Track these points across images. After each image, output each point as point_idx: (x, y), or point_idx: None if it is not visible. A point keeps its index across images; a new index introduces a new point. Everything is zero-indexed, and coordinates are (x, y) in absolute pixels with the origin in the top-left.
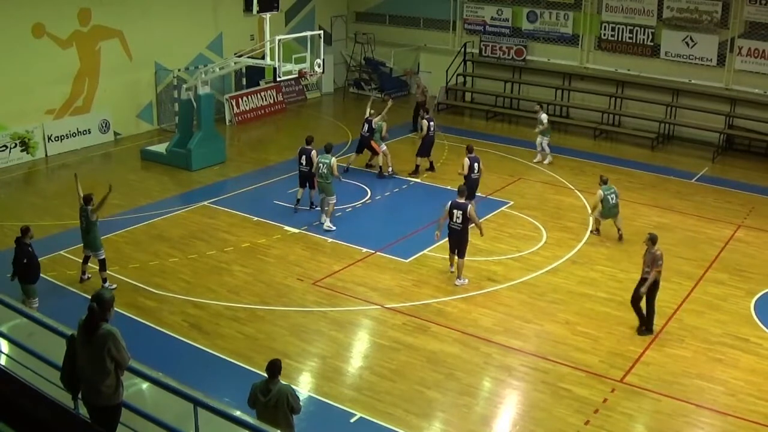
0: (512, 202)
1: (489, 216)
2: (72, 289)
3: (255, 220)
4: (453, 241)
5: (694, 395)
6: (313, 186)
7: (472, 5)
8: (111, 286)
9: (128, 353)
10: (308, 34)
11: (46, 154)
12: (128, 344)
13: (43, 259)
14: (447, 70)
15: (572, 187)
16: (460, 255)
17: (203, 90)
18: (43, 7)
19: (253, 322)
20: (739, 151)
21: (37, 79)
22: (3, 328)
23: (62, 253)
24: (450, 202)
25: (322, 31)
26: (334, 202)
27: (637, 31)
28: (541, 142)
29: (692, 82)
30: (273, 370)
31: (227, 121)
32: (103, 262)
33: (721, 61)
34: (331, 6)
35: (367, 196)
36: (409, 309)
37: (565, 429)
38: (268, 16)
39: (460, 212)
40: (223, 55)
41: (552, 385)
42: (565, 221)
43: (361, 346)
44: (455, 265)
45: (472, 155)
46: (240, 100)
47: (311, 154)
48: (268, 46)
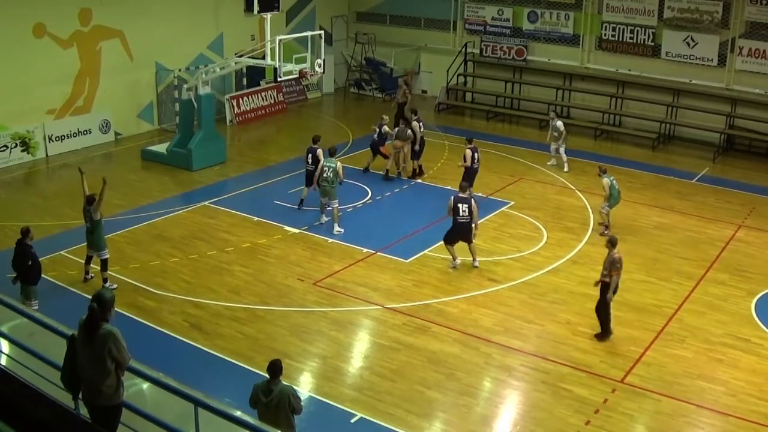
0: (513, 203)
1: (490, 216)
2: (72, 289)
3: (255, 220)
4: (461, 234)
5: (694, 395)
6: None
7: (473, 5)
8: (112, 286)
9: (129, 353)
10: (309, 34)
11: (47, 154)
12: (129, 344)
13: (43, 259)
14: (448, 70)
15: (573, 188)
16: (469, 242)
17: (204, 90)
18: (43, 7)
19: (254, 322)
20: (739, 151)
21: (38, 79)
22: (3, 328)
23: (63, 253)
24: (453, 198)
25: (322, 31)
26: (338, 206)
27: (637, 31)
28: (557, 147)
29: (693, 82)
30: (274, 371)
31: (228, 121)
32: (105, 262)
33: (722, 61)
34: (331, 6)
35: (368, 196)
36: (410, 309)
37: (566, 429)
38: (268, 16)
39: (466, 206)
40: (224, 55)
41: (552, 386)
42: (566, 221)
43: (361, 346)
44: (474, 257)
45: (472, 146)
46: (240, 100)
47: (317, 153)
48: (269, 46)
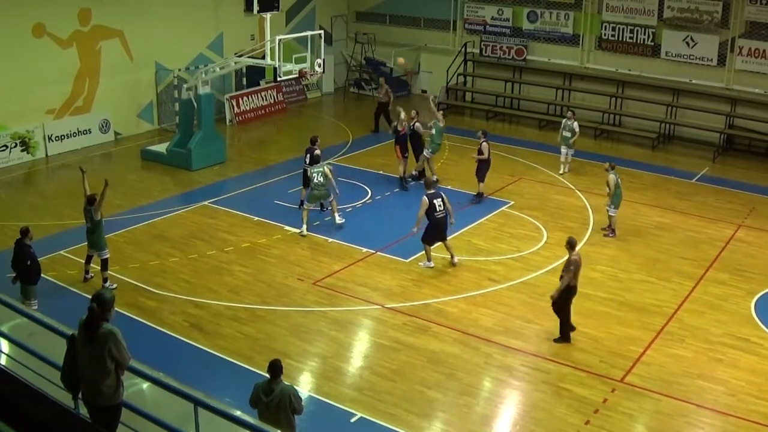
0: (513, 202)
1: (489, 216)
2: (72, 289)
3: (255, 220)
4: (440, 230)
5: (694, 395)
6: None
7: (473, 5)
8: (111, 285)
9: (129, 353)
10: (309, 33)
11: (47, 154)
12: (129, 344)
13: (43, 259)
14: (447, 70)
15: (573, 187)
16: (445, 238)
17: (203, 90)
18: (43, 7)
19: (254, 322)
20: (739, 151)
21: (38, 78)
22: (3, 328)
23: (62, 252)
24: (426, 197)
25: (322, 31)
26: (332, 199)
27: (637, 31)
28: (567, 152)
29: (693, 82)
30: (275, 371)
31: (227, 121)
32: (106, 262)
33: (722, 61)
34: (331, 6)
35: (368, 196)
36: (410, 309)
37: (566, 429)
38: (268, 15)
39: (441, 200)
40: (224, 55)
41: (552, 385)
42: (566, 221)
43: (361, 346)
44: (452, 254)
45: (487, 139)
46: (240, 99)
47: (314, 153)
48: (269, 45)
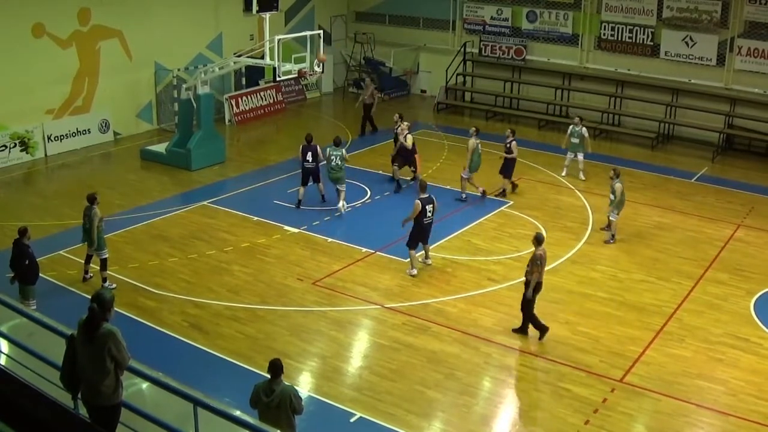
0: (512, 202)
1: (489, 216)
2: (72, 289)
3: (255, 220)
4: (425, 235)
5: (694, 395)
6: (318, 179)
7: (472, 5)
8: (111, 285)
9: (128, 353)
10: (308, 33)
11: (46, 154)
12: (128, 344)
13: (42, 259)
14: (447, 70)
15: (572, 187)
16: (427, 242)
17: (203, 90)
18: (43, 7)
19: (253, 322)
20: (738, 150)
21: (37, 78)
22: (3, 328)
23: (62, 253)
24: (419, 201)
25: (321, 31)
26: (344, 188)
27: (636, 31)
28: (573, 157)
29: (692, 81)
30: (275, 371)
31: (227, 121)
32: (105, 262)
33: (721, 60)
34: (330, 6)
35: (367, 196)
36: (409, 309)
37: (565, 429)
38: (267, 15)
39: (431, 206)
40: (223, 55)
41: (552, 385)
42: (565, 221)
43: (361, 345)
44: (427, 255)
45: (515, 137)
46: (240, 99)
47: (317, 150)
48: (268, 45)
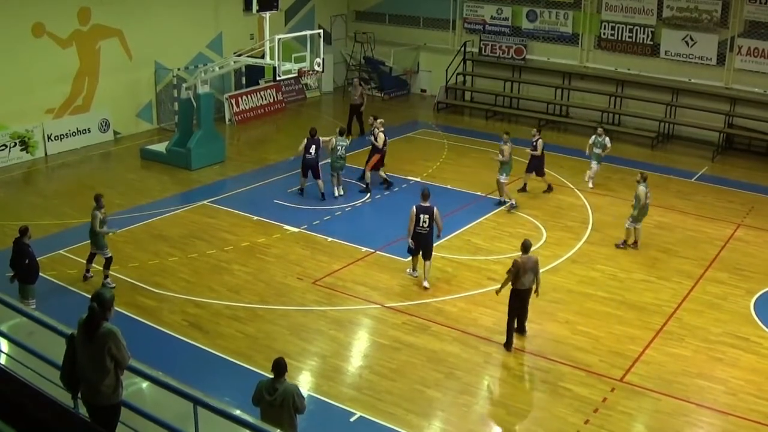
0: (512, 202)
1: (489, 215)
2: (72, 289)
3: (255, 220)
4: (421, 245)
5: (694, 394)
6: (318, 176)
7: (472, 4)
8: (111, 284)
9: (128, 352)
10: (308, 33)
11: (46, 154)
12: (128, 343)
13: (42, 258)
14: (447, 70)
15: (572, 186)
16: (427, 257)
17: (203, 89)
18: (43, 7)
19: (253, 322)
20: (738, 150)
21: (37, 78)
22: (3, 328)
23: (62, 252)
24: (415, 207)
25: (321, 30)
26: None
27: (636, 31)
28: (596, 169)
29: (692, 81)
30: (279, 370)
31: (227, 121)
32: (108, 261)
33: (721, 60)
34: (330, 5)
35: (367, 195)
36: (409, 308)
37: (565, 428)
38: (267, 15)
39: (427, 216)
40: (223, 55)
41: (552, 385)
42: (566, 220)
43: (361, 345)
44: (421, 269)
45: (540, 135)
46: (240, 99)
47: (320, 144)
48: (268, 45)
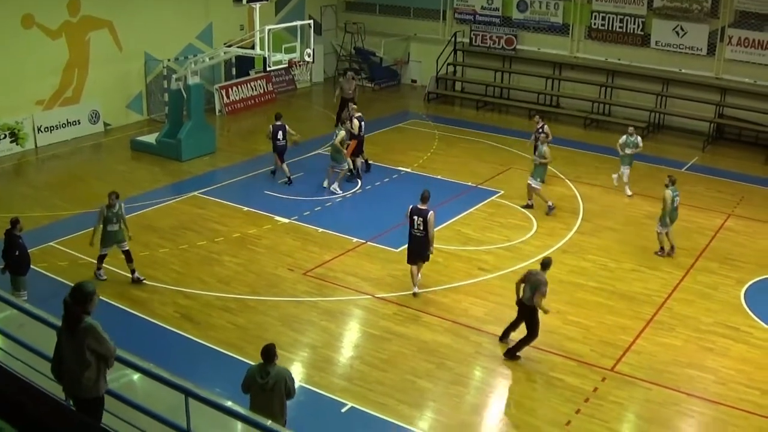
0: (503, 192)
1: (479, 205)
2: (63, 280)
3: (245, 211)
4: (413, 248)
5: (684, 384)
6: (282, 159)
7: None
8: (102, 277)
9: (112, 343)
10: (298, 23)
11: (36, 145)
12: (119, 335)
13: (33, 250)
14: (437, 60)
15: (563, 177)
16: (424, 260)
17: (193, 80)
18: None
19: (244, 313)
20: (729, 140)
21: (27, 70)
22: None
23: (53, 244)
24: (410, 208)
25: (311, 21)
26: (345, 168)
27: (627, 21)
28: (625, 172)
29: (682, 71)
30: (269, 355)
31: (217, 111)
32: (127, 254)
33: (712, 50)
34: None
35: (357, 186)
36: (400, 298)
37: (556, 418)
38: (257, 5)
39: (421, 219)
40: (213, 45)
41: (543, 375)
42: (556, 210)
43: (352, 335)
44: (419, 276)
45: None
46: (230, 90)
47: (286, 129)
48: (258, 35)
